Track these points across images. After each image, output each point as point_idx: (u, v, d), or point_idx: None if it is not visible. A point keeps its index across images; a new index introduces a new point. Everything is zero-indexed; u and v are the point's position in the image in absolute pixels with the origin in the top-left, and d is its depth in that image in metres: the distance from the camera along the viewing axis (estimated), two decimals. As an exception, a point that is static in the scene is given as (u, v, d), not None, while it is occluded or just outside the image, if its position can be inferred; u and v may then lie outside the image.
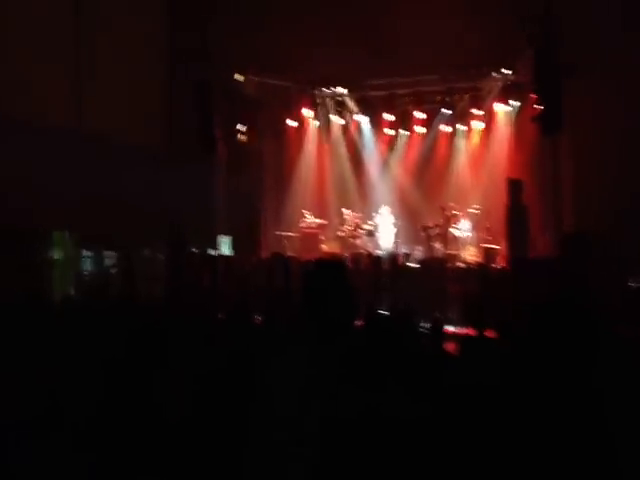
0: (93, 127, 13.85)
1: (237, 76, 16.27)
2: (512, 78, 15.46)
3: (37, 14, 12.75)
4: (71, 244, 13.21)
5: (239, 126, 16.36)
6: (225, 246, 16.34)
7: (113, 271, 13.53)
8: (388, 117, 17.13)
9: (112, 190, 12.99)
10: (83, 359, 3.55)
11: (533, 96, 13.24)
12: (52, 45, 13.22)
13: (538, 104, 12.88)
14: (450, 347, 5.05)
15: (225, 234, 16.46)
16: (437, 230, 15.34)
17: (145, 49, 15.48)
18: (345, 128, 17.83)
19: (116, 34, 14.51)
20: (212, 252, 15.49)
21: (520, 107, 15.47)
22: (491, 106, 16.09)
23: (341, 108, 17.58)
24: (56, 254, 13.00)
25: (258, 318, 5.82)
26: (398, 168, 17.28)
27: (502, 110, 15.99)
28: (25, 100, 12.32)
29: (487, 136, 16.30)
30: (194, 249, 14.63)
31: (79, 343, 3.84)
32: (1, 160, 11.22)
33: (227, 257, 15.29)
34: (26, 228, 11.66)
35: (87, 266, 14.04)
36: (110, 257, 14.14)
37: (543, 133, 13.11)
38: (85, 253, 13.96)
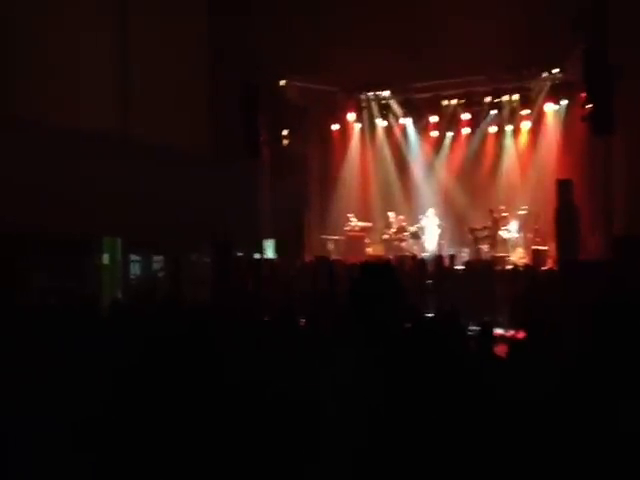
0: (139, 132, 14.12)
1: (282, 81, 16.40)
2: (561, 77, 15.16)
3: (83, 22, 13.09)
4: (120, 249, 13.49)
5: (284, 130, 16.45)
6: (270, 250, 16.45)
7: (160, 275, 13.76)
8: (433, 119, 16.99)
9: (159, 195, 13.22)
10: (130, 362, 3.59)
11: (583, 95, 12.94)
12: (98, 53, 13.55)
13: (588, 103, 12.57)
14: (499, 350, 4.94)
15: (270, 238, 16.57)
16: (485, 232, 15.14)
17: (190, 54, 15.71)
18: (390, 131, 17.76)
19: (161, 39, 14.78)
20: (257, 256, 15.60)
21: (569, 106, 15.13)
22: (540, 106, 15.79)
23: (386, 111, 17.53)
24: (106, 259, 13.30)
25: (303, 321, 5.81)
26: (444, 170, 17.11)
27: (551, 110, 15.69)
28: (73, 107, 12.65)
29: (536, 136, 15.99)
30: (239, 253, 14.76)
31: (126, 346, 3.90)
32: (50, 168, 11.51)
33: (272, 261, 15.38)
34: (77, 234, 11.94)
35: (135, 270, 14.33)
36: (158, 261, 14.40)
37: (593, 133, 12.78)
38: (134, 258, 14.24)
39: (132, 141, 13.93)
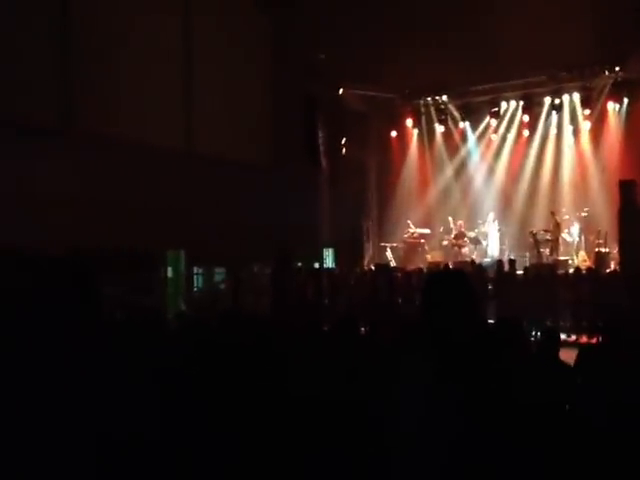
0: (203, 148, 14.48)
1: (341, 91, 16.53)
2: (623, 75, 14.74)
3: (149, 40, 13.53)
4: (184, 262, 13.84)
5: (343, 139, 16.56)
6: (329, 259, 16.54)
7: (222, 287, 14.03)
8: (492, 122, 16.78)
9: (221, 207, 13.51)
10: (195, 373, 3.71)
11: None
12: (163, 70, 13.97)
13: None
14: (564, 355, 4.84)
15: (330, 246, 16.67)
16: (547, 236, 14.82)
17: (252, 66, 16.00)
18: (448, 135, 17.63)
19: (222, 55, 15.14)
20: (317, 265, 15.71)
21: (632, 105, 14.72)
22: (602, 105, 15.41)
23: (444, 116, 17.40)
24: (170, 272, 13.67)
25: (364, 330, 5.84)
26: (503, 173, 16.86)
27: (613, 109, 15.28)
28: (141, 123, 13.08)
29: (597, 136, 15.60)
30: (299, 263, 14.90)
31: (192, 358, 4.02)
32: (120, 185, 11.93)
33: (331, 270, 15.45)
34: (144, 248, 12.33)
35: (199, 283, 14.67)
36: (220, 273, 14.70)
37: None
38: (197, 270, 14.59)
39: (196, 155, 14.29)
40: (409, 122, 17.84)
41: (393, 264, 15.91)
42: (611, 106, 15.29)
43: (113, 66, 12.64)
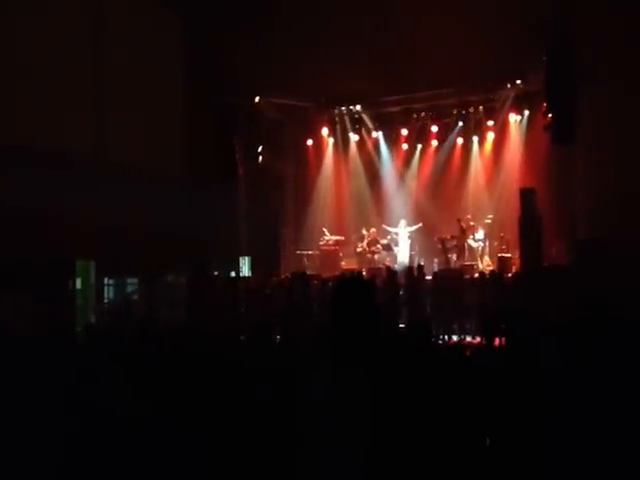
0: (114, 154, 14.13)
1: (257, 99, 16.54)
2: (524, 88, 15.53)
3: (58, 48, 13.11)
4: (94, 273, 13.43)
5: (259, 147, 16.57)
6: (246, 267, 16.50)
7: (135, 297, 13.72)
8: (404, 132, 17.29)
9: (133, 216, 13.21)
10: (106, 385, 3.66)
11: (544, 105, 13.28)
12: (73, 78, 13.55)
13: (549, 113, 12.91)
14: (465, 357, 5.08)
15: (246, 255, 16.63)
16: (454, 242, 15.40)
17: (165, 75, 15.77)
18: (362, 145, 18.01)
19: (137, 61, 14.84)
20: (233, 274, 15.64)
21: (532, 117, 15.52)
22: (504, 117, 16.20)
23: (358, 125, 17.77)
24: (79, 283, 13.22)
25: (279, 338, 5.91)
26: (414, 182, 17.41)
27: (514, 120, 16.08)
28: (48, 132, 12.64)
29: (500, 146, 16.38)
30: (216, 272, 14.79)
31: (101, 371, 3.95)
32: (23, 191, 11.46)
33: (248, 279, 15.43)
34: (50, 258, 11.89)
35: (110, 294, 14.27)
36: (133, 284, 14.36)
37: (554, 142, 13.12)
38: (108, 281, 14.18)
39: (107, 163, 13.93)
40: (325, 131, 18.11)
41: (309, 272, 16.06)
42: (513, 117, 16.08)
43: (17, 68, 12.16)
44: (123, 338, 5.29)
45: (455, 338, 10.63)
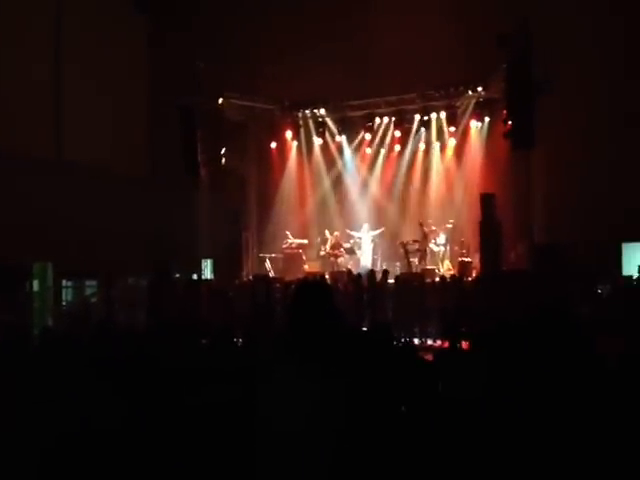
0: (73, 155, 13.90)
1: (220, 100, 16.44)
2: (486, 95, 15.79)
3: (16, 47, 12.84)
4: (52, 275, 13.16)
5: (222, 149, 16.48)
6: (208, 269, 16.38)
7: (94, 300, 13.49)
8: (367, 136, 17.40)
9: (93, 217, 13.01)
10: (64, 392, 3.60)
11: (504, 112, 13.54)
12: (31, 77, 13.28)
13: (509, 120, 13.17)
14: (425, 360, 5.16)
15: (208, 257, 16.52)
16: (416, 246, 15.56)
17: (126, 76, 15.58)
18: (326, 148, 18.05)
19: (98, 63, 14.63)
20: (195, 276, 15.52)
21: (492, 123, 15.78)
22: (465, 123, 16.44)
23: (322, 129, 17.79)
24: (36, 285, 12.95)
25: (241, 341, 5.89)
26: (377, 186, 17.52)
27: (475, 126, 16.34)
28: (5, 133, 12.36)
29: (461, 152, 16.62)
30: (177, 274, 14.65)
31: (58, 377, 3.88)
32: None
33: (210, 281, 15.32)
34: (6, 260, 11.63)
35: (68, 296, 14.00)
36: (92, 287, 14.12)
37: (514, 148, 13.40)
38: (66, 284, 13.91)
39: (66, 164, 13.69)
40: (288, 134, 18.09)
41: (272, 275, 16.04)
42: (474, 124, 16.32)
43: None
44: (81, 342, 5.21)
45: (416, 341, 10.76)
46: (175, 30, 15.42)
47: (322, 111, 17.60)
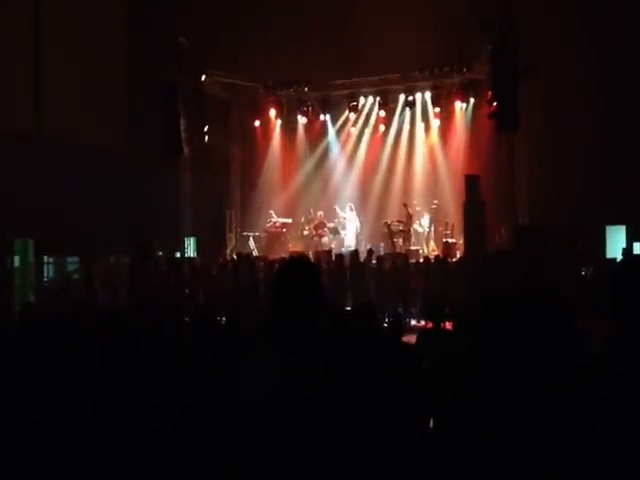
0: (54, 130, 13.69)
1: (203, 78, 16.23)
2: (471, 77, 15.75)
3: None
4: (33, 251, 13.02)
5: (205, 127, 16.30)
6: (191, 248, 16.30)
7: (76, 277, 13.37)
8: (352, 116, 17.29)
9: (75, 194, 12.87)
10: (44, 367, 3.56)
11: (489, 94, 13.53)
12: (8, 48, 13.02)
13: (493, 102, 13.16)
14: (409, 340, 5.19)
15: (191, 235, 16.43)
16: (400, 226, 15.56)
17: (109, 52, 15.33)
18: (310, 127, 17.93)
19: (78, 37, 14.36)
20: (178, 254, 15.43)
21: (477, 105, 15.78)
22: (450, 104, 16.39)
23: (306, 108, 17.64)
24: (17, 261, 12.81)
25: (224, 319, 5.86)
26: (361, 166, 17.47)
27: (460, 107, 16.31)
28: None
29: (446, 133, 16.61)
30: (160, 252, 14.55)
31: (38, 353, 3.85)
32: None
33: (193, 260, 15.25)
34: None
35: (49, 273, 13.87)
36: (73, 263, 14.00)
37: (498, 130, 13.42)
38: (47, 260, 13.78)
39: (46, 138, 13.47)
40: (272, 112, 17.93)
41: (255, 253, 16.00)
42: (458, 105, 16.30)
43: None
44: (62, 318, 5.16)
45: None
46: (157, 6, 15.16)
47: (306, 90, 17.45)
